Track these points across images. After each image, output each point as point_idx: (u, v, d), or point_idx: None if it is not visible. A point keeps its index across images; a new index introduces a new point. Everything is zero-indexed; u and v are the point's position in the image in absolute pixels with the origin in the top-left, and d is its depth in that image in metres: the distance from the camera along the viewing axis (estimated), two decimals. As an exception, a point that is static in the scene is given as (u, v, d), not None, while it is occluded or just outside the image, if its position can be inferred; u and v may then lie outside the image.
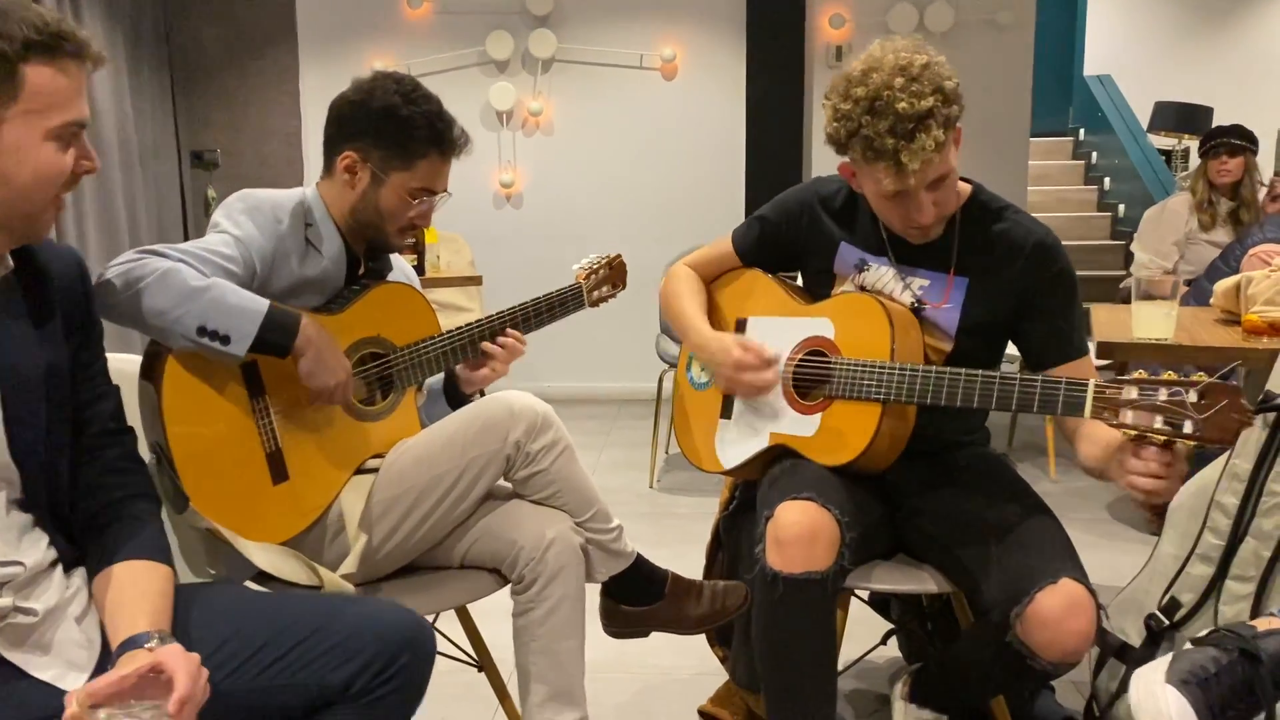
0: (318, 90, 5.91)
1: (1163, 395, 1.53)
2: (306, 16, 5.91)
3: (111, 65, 5.30)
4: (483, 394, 2.15)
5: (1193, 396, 1.50)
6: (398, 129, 1.86)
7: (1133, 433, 1.55)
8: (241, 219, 1.81)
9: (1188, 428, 1.50)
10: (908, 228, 1.88)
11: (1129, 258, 4.80)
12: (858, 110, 1.75)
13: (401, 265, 2.11)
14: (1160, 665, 1.32)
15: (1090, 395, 1.61)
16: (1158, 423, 1.53)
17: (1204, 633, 1.35)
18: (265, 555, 1.67)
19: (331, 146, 1.92)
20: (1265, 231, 3.52)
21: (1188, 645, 1.39)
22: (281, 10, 5.89)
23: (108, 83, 5.24)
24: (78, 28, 1.32)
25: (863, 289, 1.98)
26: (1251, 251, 3.19)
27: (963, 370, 1.77)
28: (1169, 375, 1.55)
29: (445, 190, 1.96)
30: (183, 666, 1.22)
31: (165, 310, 1.62)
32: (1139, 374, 1.56)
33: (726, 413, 2.09)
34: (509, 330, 2.06)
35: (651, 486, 4.30)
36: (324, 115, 1.94)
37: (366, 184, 1.89)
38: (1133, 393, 1.56)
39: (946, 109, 1.74)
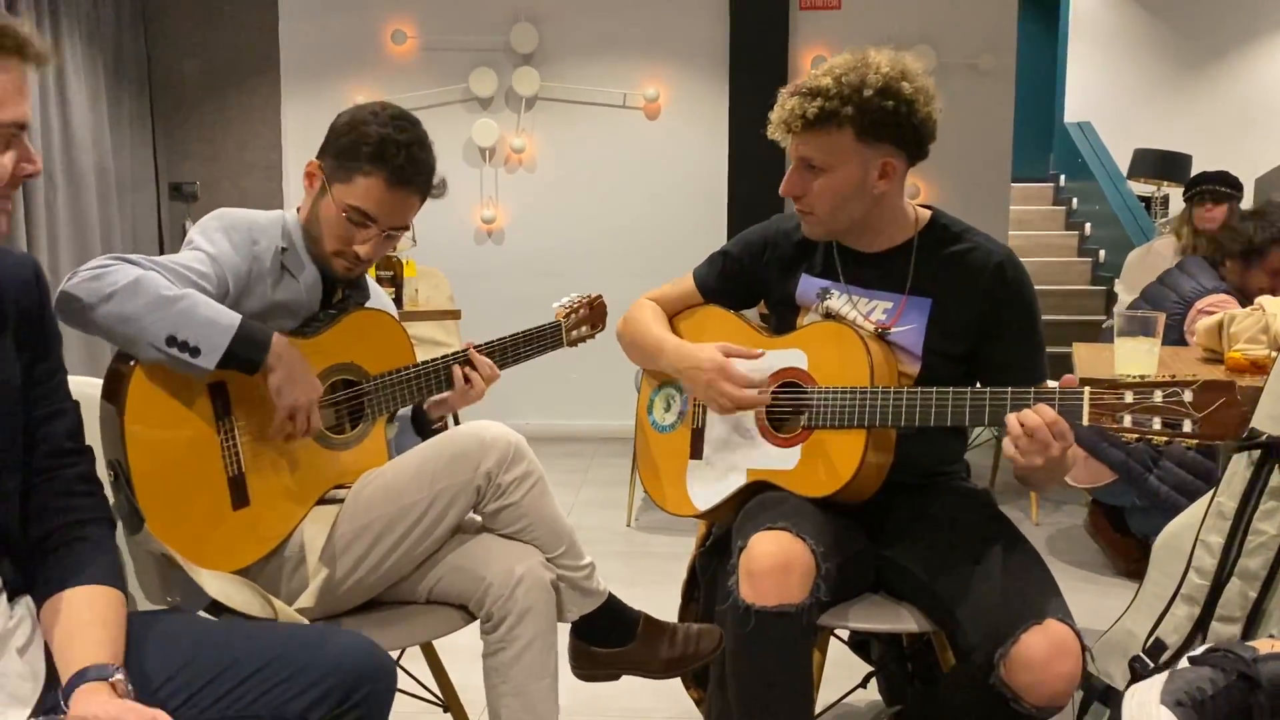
0: (299, 124, 5.88)
1: (1159, 397, 1.54)
2: (289, 50, 5.90)
3: (91, 95, 5.26)
4: (457, 423, 2.11)
5: (1189, 396, 1.52)
6: (350, 140, 1.82)
7: (1133, 435, 1.55)
8: (217, 237, 1.77)
9: (1186, 427, 1.52)
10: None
11: (1110, 302, 4.79)
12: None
13: (380, 296, 2.06)
14: (1155, 684, 1.29)
15: (1087, 401, 1.59)
16: (1156, 424, 1.54)
17: (1201, 650, 1.32)
18: (218, 584, 1.61)
19: None
20: (1188, 270, 3.49)
21: (1184, 662, 1.36)
22: (264, 44, 5.88)
23: (87, 113, 5.21)
24: (18, 23, 1.26)
25: (828, 316, 1.96)
26: (1197, 307, 3.23)
27: (950, 388, 1.74)
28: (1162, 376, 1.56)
29: (399, 226, 1.85)
30: None
31: (135, 317, 1.57)
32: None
33: (697, 453, 2.04)
34: (483, 358, 2.01)
35: (629, 525, 4.24)
36: (305, 149, 1.92)
37: (316, 192, 1.86)
38: (1129, 396, 1.56)
39: (837, 104, 1.77)
